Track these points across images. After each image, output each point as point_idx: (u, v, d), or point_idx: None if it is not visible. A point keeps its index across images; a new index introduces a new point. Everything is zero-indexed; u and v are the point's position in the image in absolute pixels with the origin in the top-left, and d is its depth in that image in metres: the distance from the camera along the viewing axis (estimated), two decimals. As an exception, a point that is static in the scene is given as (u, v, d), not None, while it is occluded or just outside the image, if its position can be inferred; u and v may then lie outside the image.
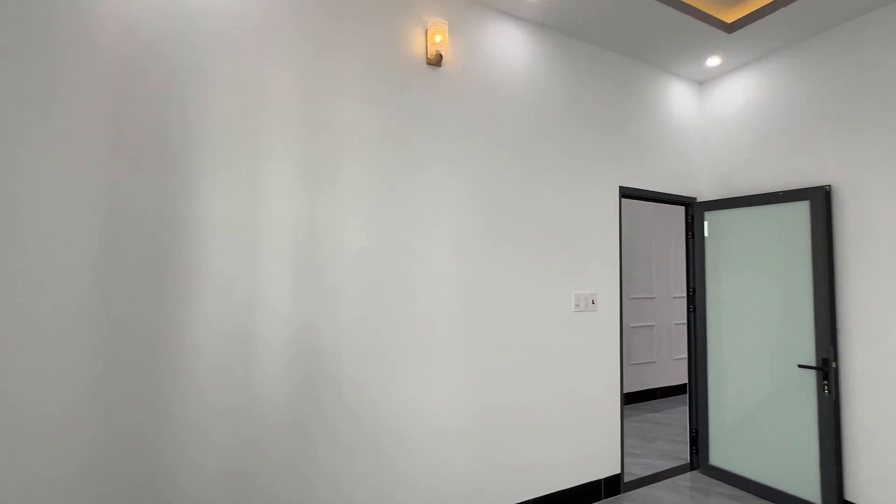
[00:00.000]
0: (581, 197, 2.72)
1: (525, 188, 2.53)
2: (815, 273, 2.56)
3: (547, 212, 2.59)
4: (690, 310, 3.22)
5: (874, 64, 2.42)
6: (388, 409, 2.09)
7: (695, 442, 3.14)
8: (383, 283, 2.11)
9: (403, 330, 2.15)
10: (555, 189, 2.62)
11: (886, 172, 2.36)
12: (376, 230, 2.11)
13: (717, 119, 3.23)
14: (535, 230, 2.54)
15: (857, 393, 2.44)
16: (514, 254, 2.47)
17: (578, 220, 2.70)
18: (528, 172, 2.55)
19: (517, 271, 2.47)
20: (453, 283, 2.28)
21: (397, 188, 2.16)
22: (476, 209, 2.37)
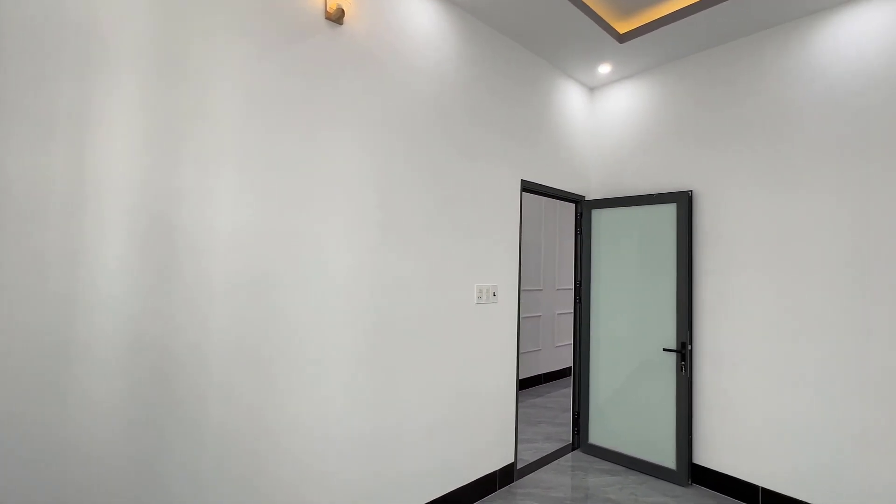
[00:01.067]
0: (486, 187, 2.67)
1: (431, 173, 2.37)
2: (678, 268, 2.90)
3: (452, 200, 2.47)
4: (577, 301, 3.45)
5: (728, 86, 2.81)
6: (269, 424, 1.76)
7: (577, 423, 3.38)
8: (264, 274, 1.75)
9: (290, 330, 1.82)
10: (460, 177, 2.52)
11: (732, 182, 2.77)
12: (258, 208, 1.74)
13: (605, 124, 3.49)
14: (439, 219, 2.41)
15: (705, 371, 2.84)
16: (418, 244, 2.30)
17: (483, 210, 2.64)
18: (435, 157, 2.40)
19: (421, 263, 2.31)
20: (350, 275, 2.02)
21: (283, 158, 1.82)
22: (376, 194, 2.14)
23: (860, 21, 2.33)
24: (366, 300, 2.07)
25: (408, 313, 2.25)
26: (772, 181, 2.61)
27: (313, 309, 1.89)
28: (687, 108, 3.01)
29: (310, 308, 1.88)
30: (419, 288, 2.30)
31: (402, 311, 2.22)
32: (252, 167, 1.73)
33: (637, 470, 3.00)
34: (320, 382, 1.91)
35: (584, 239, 3.41)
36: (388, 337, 2.16)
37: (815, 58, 2.47)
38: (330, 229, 1.95)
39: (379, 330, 2.12)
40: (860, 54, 2.32)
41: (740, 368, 2.69)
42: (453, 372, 2.46)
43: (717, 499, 2.66)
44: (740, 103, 2.75)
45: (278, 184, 1.80)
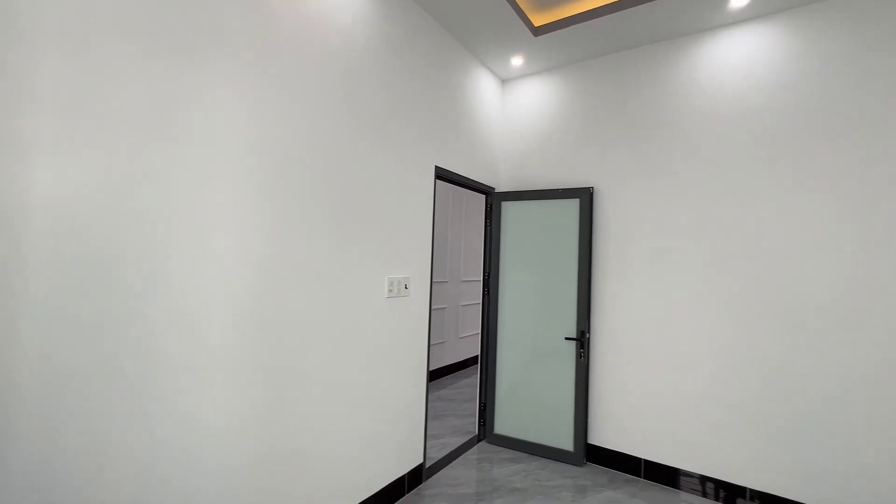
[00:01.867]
0: (400, 171, 2.46)
1: (340, 151, 2.08)
2: (580, 260, 3.05)
3: (362, 184, 2.21)
4: (485, 292, 3.44)
5: (625, 91, 3.02)
6: (125, 453, 1.33)
7: (483, 414, 3.39)
8: (114, 262, 1.31)
9: (150, 334, 1.40)
10: (372, 157, 2.27)
11: (626, 181, 2.99)
12: (95, 172, 1.28)
13: (515, 117, 3.52)
14: (346, 204, 2.13)
15: (600, 356, 3.04)
16: (322, 229, 2.00)
17: (395, 196, 2.43)
18: (344, 132, 2.10)
19: (323, 252, 2.01)
20: (234, 265, 1.65)
21: (147, 112, 1.38)
22: (274, 167, 1.78)
23: (728, 44, 2.66)
24: (255, 294, 1.72)
25: (308, 310, 1.94)
26: (658, 183, 2.87)
27: (187, 312, 1.49)
28: (590, 108, 3.17)
29: (181, 310, 1.47)
30: (322, 280, 2.00)
31: (300, 308, 1.90)
32: (92, 119, 1.26)
33: (539, 455, 3.10)
34: (192, 393, 1.52)
35: (493, 231, 3.41)
36: (287, 340, 1.83)
37: (695, 73, 2.76)
38: (205, 207, 1.55)
39: (276, 332, 1.78)
40: (727, 72, 2.65)
41: (629, 352, 2.93)
42: (361, 373, 2.22)
43: (608, 474, 2.88)
44: (635, 108, 2.97)
45: (127, 143, 1.35)
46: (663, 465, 2.76)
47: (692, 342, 2.71)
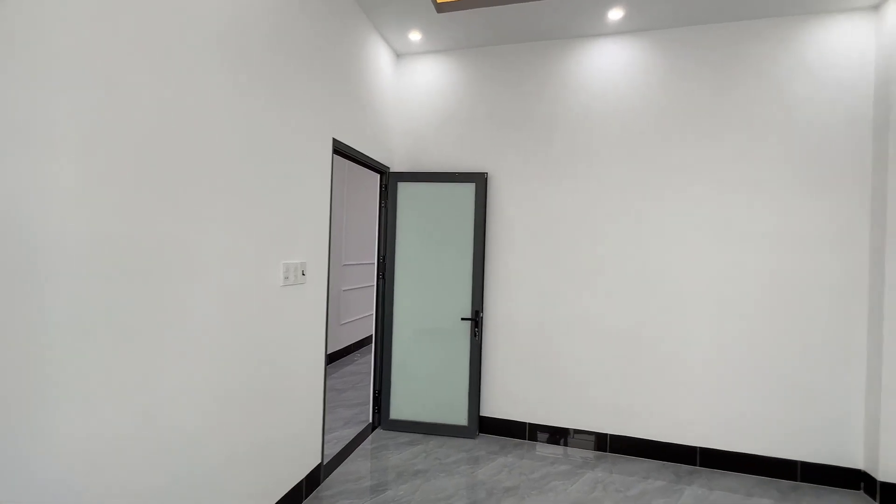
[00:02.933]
0: (296, 142, 2.13)
1: (221, 109, 1.69)
2: (475, 244, 3.15)
3: (253, 154, 1.85)
4: (380, 276, 3.31)
5: (521, 83, 3.18)
6: None
7: (377, 401, 3.29)
8: None
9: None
10: (263, 121, 1.91)
11: (518, 168, 3.17)
12: None
13: (412, 95, 3.40)
14: (233, 175, 1.76)
15: (491, 334, 3.23)
16: (204, 208, 1.62)
17: (290, 166, 2.11)
18: (228, 85, 1.72)
19: (208, 235, 1.63)
20: (89, 251, 1.21)
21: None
22: (136, 127, 1.35)
23: (609, 50, 3.01)
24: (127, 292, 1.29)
25: (196, 308, 1.55)
26: (546, 171, 3.12)
27: (39, 312, 1.03)
28: (487, 94, 3.25)
29: (35, 309, 1.01)
30: (207, 266, 1.62)
31: (188, 306, 1.51)
32: None
33: (437, 434, 3.17)
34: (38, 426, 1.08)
35: (388, 212, 3.27)
36: (163, 345, 1.44)
37: (581, 72, 3.06)
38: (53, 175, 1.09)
39: (149, 335, 1.38)
40: (606, 75, 3.01)
41: (519, 328, 3.17)
42: (256, 381, 1.90)
43: (499, 442, 3.10)
44: (528, 99, 3.16)
45: None
46: (544, 426, 3.10)
47: (574, 316, 3.07)
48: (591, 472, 2.71)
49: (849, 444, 2.60)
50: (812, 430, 2.65)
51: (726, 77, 2.80)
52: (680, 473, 2.73)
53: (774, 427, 2.70)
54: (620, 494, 2.47)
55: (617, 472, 2.72)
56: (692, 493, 2.51)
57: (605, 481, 2.61)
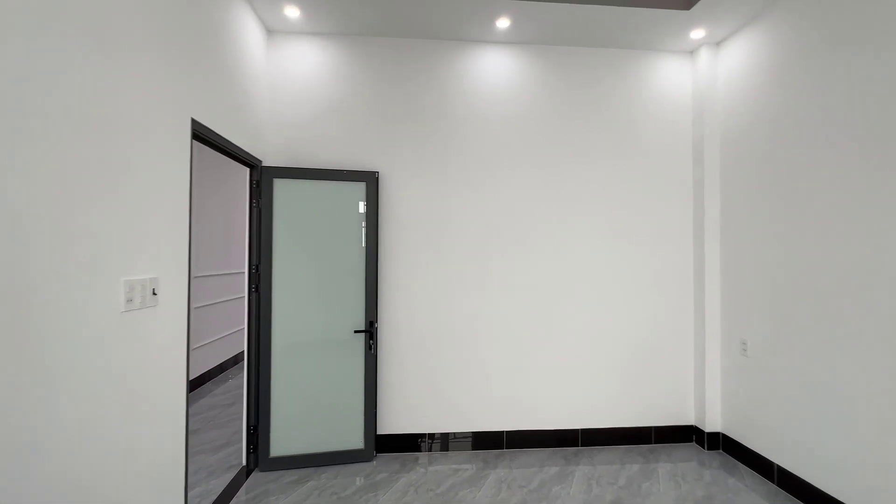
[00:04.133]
0: (137, 115, 1.59)
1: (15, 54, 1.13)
2: (367, 248, 2.90)
3: (68, 123, 1.29)
4: (252, 289, 2.78)
5: (413, 80, 3.04)
6: None
7: (253, 439, 2.76)
8: None
9: None
10: (84, 83, 1.36)
11: (410, 169, 3.03)
12: None
13: (288, 79, 2.96)
14: (33, 155, 1.20)
15: (387, 345, 3.01)
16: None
17: (132, 150, 1.56)
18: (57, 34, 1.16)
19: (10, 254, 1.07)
20: None
21: None
22: None
23: (499, 57, 3.10)
24: None
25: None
26: (438, 174, 3.05)
27: None
28: (377, 88, 3.03)
29: None
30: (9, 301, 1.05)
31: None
32: None
33: (329, 464, 2.80)
34: None
35: (263, 214, 2.77)
36: None
37: (473, 76, 3.07)
38: None
39: None
40: (496, 81, 3.09)
41: (410, 337, 3.03)
42: (96, 447, 1.33)
43: (400, 459, 2.91)
44: (419, 97, 3.04)
45: None
46: (442, 434, 3.02)
47: (470, 319, 3.06)
48: (493, 473, 2.73)
49: (685, 408, 3.18)
50: (660, 401, 3.16)
51: (598, 97, 3.16)
52: (567, 456, 2.96)
53: (635, 402, 3.15)
54: (524, 489, 2.54)
55: (516, 467, 2.80)
56: (581, 473, 2.73)
57: (508, 479, 2.66)
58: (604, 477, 2.68)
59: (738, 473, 2.71)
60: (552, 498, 2.45)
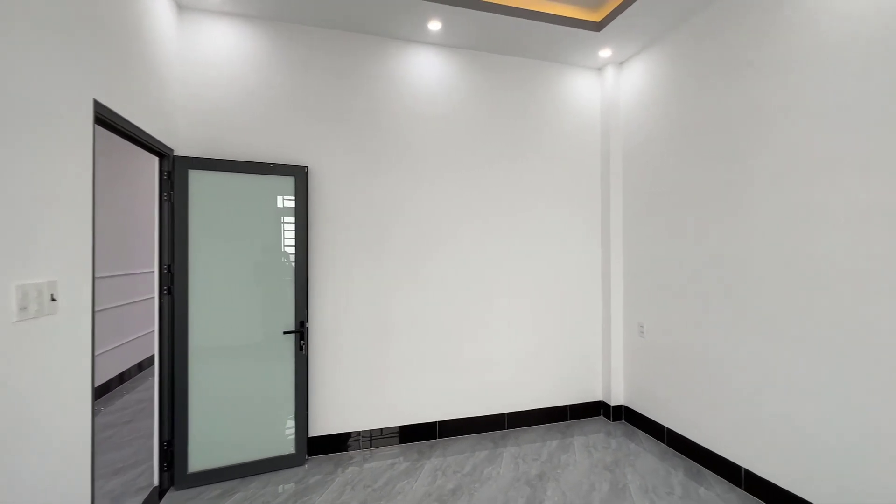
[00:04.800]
0: (28, 92, 1.37)
1: None
2: (297, 245, 2.79)
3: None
4: (165, 291, 2.52)
5: (339, 71, 2.97)
6: None
7: (167, 455, 2.51)
8: None
9: None
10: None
11: (340, 162, 2.97)
12: None
13: (207, 62, 2.71)
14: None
15: (319, 345, 2.94)
16: None
17: (20, 135, 1.35)
18: None
19: None
20: None
21: None
22: None
23: (430, 58, 3.16)
24: None
25: None
26: (371, 170, 3.04)
27: None
28: (307, 79, 2.91)
29: None
30: None
31: None
32: None
33: (258, 472, 2.66)
34: None
35: (176, 208, 2.52)
36: None
37: (408, 75, 3.10)
38: None
39: None
40: (428, 82, 3.15)
41: (343, 336, 2.99)
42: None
43: (334, 459, 2.86)
44: (352, 93, 2.99)
45: None
46: (375, 429, 3.04)
47: (403, 315, 3.10)
48: (428, 462, 2.83)
49: (595, 386, 3.58)
50: (575, 381, 3.52)
51: (523, 104, 3.38)
52: (496, 440, 3.17)
53: (553, 384, 3.46)
54: (458, 474, 2.67)
55: (450, 455, 2.93)
56: (508, 453, 2.95)
57: (443, 467, 2.77)
58: (528, 454, 2.92)
59: (638, 439, 3.14)
60: (485, 478, 2.62)
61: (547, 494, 2.44)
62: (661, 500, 2.36)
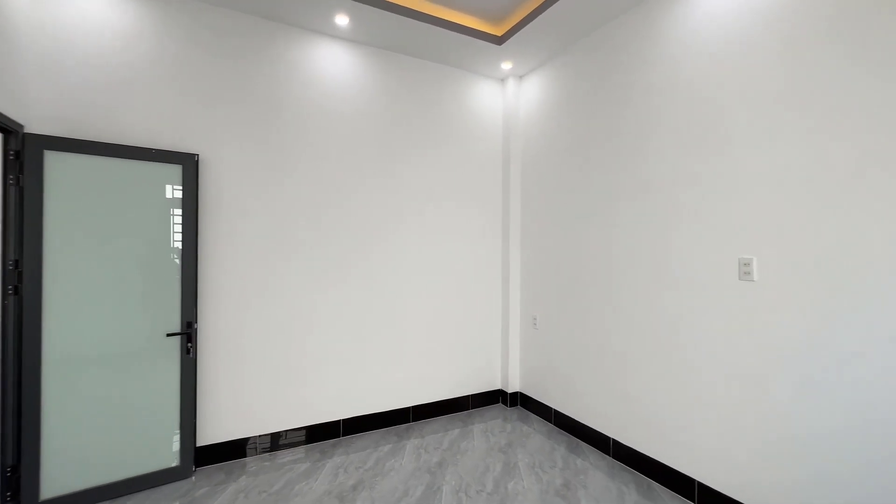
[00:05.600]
0: None
1: None
2: (184, 239, 2.57)
3: None
4: (9, 292, 2.15)
5: (236, 55, 2.79)
6: None
7: (12, 483, 2.15)
8: None
9: None
10: None
11: (233, 152, 2.80)
12: None
13: (70, 26, 2.35)
14: None
15: (210, 346, 2.73)
16: None
17: None
18: None
19: None
20: None
21: None
22: None
23: (337, 52, 3.10)
24: None
25: None
26: (274, 163, 2.91)
27: None
28: (198, 59, 2.68)
29: None
30: None
31: None
32: None
33: (135, 491, 2.40)
34: None
35: (27, 194, 2.17)
36: None
37: (313, 67, 3.01)
38: None
39: None
40: (335, 76, 3.10)
41: (241, 335, 2.82)
42: None
43: (225, 468, 2.69)
44: (253, 80, 2.83)
45: None
46: (281, 432, 2.93)
47: (304, 313, 3.02)
48: (330, 461, 2.80)
49: (494, 375, 3.84)
50: (476, 372, 3.74)
51: (432, 107, 3.48)
52: (400, 433, 3.24)
53: (457, 376, 3.64)
54: (360, 470, 2.69)
55: (353, 452, 2.93)
56: (412, 445, 3.04)
57: (345, 464, 2.77)
58: (431, 445, 3.05)
59: (530, 421, 3.45)
60: (387, 471, 2.67)
61: (445, 479, 2.58)
62: (545, 474, 2.63)
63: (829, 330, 1.81)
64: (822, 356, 1.83)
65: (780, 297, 1.97)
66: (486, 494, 2.42)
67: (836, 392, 1.79)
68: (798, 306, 1.91)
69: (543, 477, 2.60)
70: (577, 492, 2.44)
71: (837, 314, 1.78)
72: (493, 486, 2.51)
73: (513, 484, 2.53)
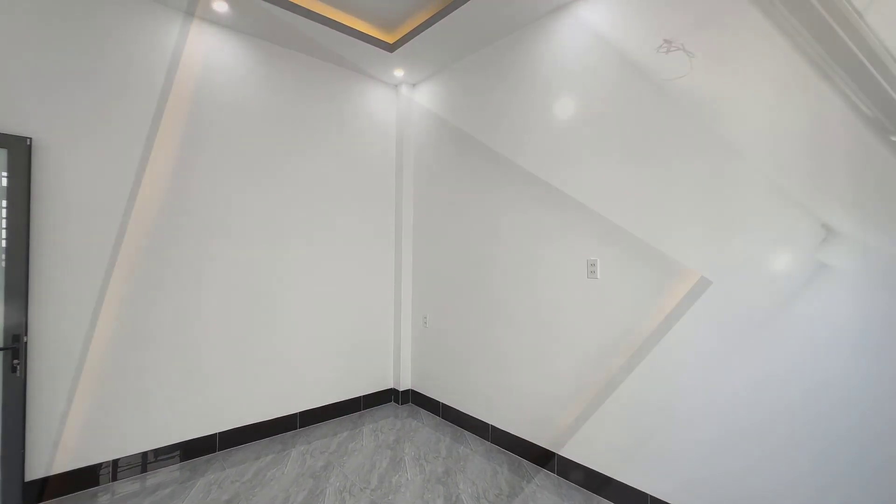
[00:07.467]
0: None
1: None
2: (8, 237, 2.17)
3: None
4: None
5: (80, 31, 2.45)
6: None
7: None
8: None
9: None
10: None
11: (81, 137, 2.45)
12: None
13: None
14: None
15: (48, 364, 2.35)
16: None
17: None
18: None
19: None
20: None
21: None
22: None
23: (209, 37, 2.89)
24: None
25: None
26: (140, 154, 2.60)
27: None
28: (32, 32, 2.28)
29: None
30: None
31: None
32: None
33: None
34: None
35: None
36: None
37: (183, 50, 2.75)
38: None
39: None
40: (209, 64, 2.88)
41: (99, 346, 2.48)
42: None
43: (66, 501, 2.33)
44: (106, 59, 2.50)
45: None
46: (140, 453, 2.62)
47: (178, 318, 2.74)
48: (202, 479, 2.59)
49: (387, 374, 3.90)
50: (369, 373, 3.76)
51: (326, 107, 3.41)
52: (286, 441, 3.12)
53: (349, 378, 3.63)
54: (237, 483, 2.54)
55: (230, 466, 2.75)
56: (297, 452, 2.95)
57: (220, 480, 2.59)
58: (318, 449, 2.99)
59: (420, 416, 3.58)
60: (267, 481, 2.56)
61: (329, 482, 2.56)
62: (429, 465, 2.77)
63: (649, 318, 2.23)
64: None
65: (616, 291, 2.37)
66: (370, 490, 2.47)
67: (657, 369, 2.21)
68: (627, 297, 2.31)
69: (427, 467, 2.73)
70: (456, 476, 2.62)
71: (643, 302, 2.21)
72: (378, 481, 2.57)
73: (397, 477, 2.61)
